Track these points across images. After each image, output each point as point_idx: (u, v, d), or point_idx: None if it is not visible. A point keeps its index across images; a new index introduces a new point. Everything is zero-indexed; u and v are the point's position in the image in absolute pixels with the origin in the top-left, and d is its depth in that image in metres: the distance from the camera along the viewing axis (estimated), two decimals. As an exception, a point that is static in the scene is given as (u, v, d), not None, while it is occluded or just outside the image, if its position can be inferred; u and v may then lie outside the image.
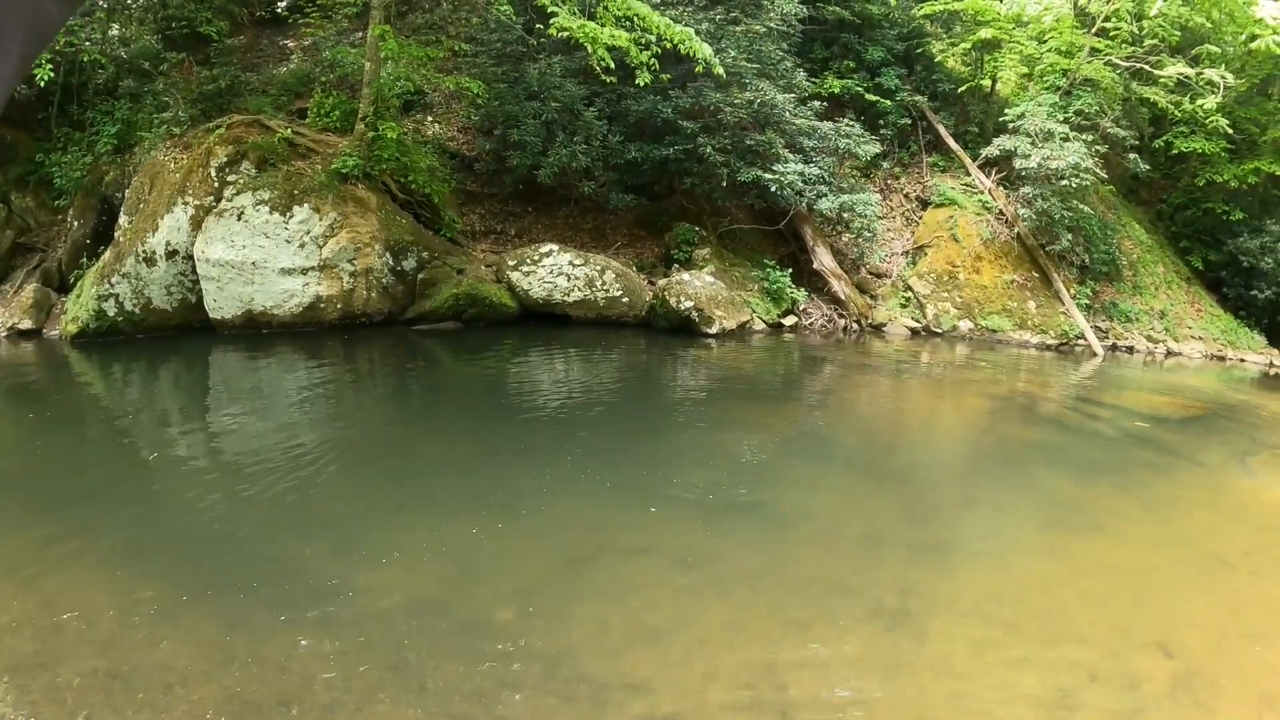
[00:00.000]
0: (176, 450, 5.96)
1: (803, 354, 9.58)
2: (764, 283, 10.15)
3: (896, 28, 12.96)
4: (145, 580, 3.73)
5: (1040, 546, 4.38)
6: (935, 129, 12.76)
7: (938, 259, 11.76)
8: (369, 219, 9.00)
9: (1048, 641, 3.31)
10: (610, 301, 9.43)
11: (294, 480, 4.99)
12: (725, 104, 9.98)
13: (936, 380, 9.12)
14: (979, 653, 3.19)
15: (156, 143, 9.55)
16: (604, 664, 3.02)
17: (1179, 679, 3.11)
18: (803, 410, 7.31)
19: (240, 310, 8.82)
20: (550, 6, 8.68)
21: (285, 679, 2.95)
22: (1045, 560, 4.19)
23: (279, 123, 9.32)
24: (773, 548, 4.06)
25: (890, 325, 10.96)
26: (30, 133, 11.34)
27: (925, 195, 12.31)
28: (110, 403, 7.43)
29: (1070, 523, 4.70)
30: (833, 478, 5.18)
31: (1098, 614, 3.59)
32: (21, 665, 3.10)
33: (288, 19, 11.19)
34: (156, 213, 9.00)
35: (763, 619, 3.35)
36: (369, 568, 3.81)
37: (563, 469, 5.14)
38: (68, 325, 9.29)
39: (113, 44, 11.10)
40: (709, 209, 10.52)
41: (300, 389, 7.37)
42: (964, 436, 6.81)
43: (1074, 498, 5.13)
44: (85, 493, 4.94)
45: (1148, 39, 12.49)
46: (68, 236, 10.30)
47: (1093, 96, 12.36)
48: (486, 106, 9.92)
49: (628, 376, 8.21)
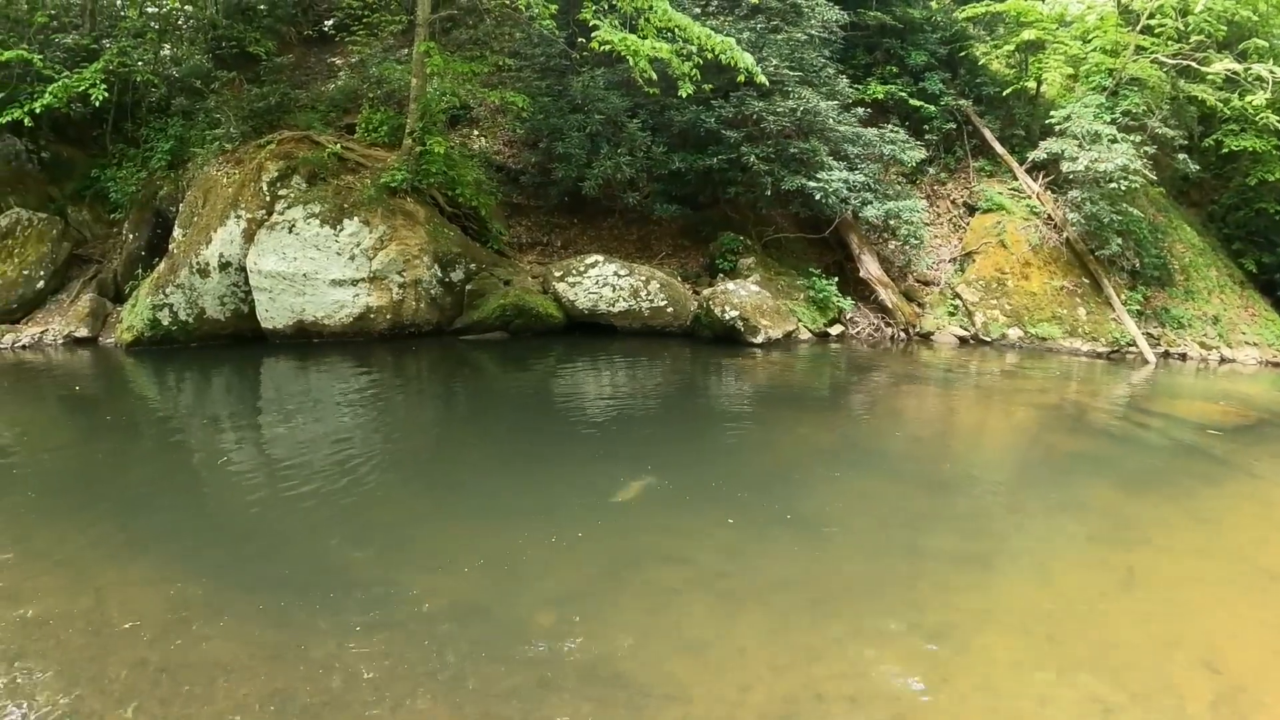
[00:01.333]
0: (227, 454, 6.07)
1: (849, 363, 9.44)
2: (810, 291, 10.03)
3: (939, 31, 12.79)
4: (195, 579, 3.81)
5: (1085, 558, 4.29)
6: (981, 133, 12.54)
7: (986, 265, 11.52)
8: (417, 231, 9.08)
9: (1090, 656, 3.24)
10: (655, 311, 9.38)
11: (341, 485, 5.07)
12: (768, 112, 9.90)
13: (985, 389, 8.93)
14: (1020, 667, 3.14)
15: (209, 158, 9.76)
16: (642, 670, 3.02)
17: (1223, 696, 3.00)
18: (848, 420, 7.21)
19: (292, 320, 8.95)
20: (592, 20, 8.71)
21: (329, 677, 2.99)
22: (1090, 573, 4.11)
23: (328, 138, 9.46)
24: (814, 558, 4.04)
25: (938, 334, 10.75)
26: (86, 149, 11.67)
27: (972, 201, 12.09)
28: (164, 408, 7.60)
29: (1117, 534, 4.60)
30: (877, 488, 5.13)
31: (1142, 628, 3.50)
32: (72, 657, 3.16)
33: (335, 37, 11.39)
34: (210, 225, 9.18)
35: (802, 629, 3.33)
36: (413, 571, 3.86)
37: (605, 477, 5.15)
38: (123, 333, 9.52)
39: (164, 64, 11.40)
40: (753, 218, 10.44)
41: (349, 397, 7.49)
42: (1011, 446, 6.68)
43: (1121, 509, 5.02)
44: (138, 494, 5.05)
45: (1194, 35, 12.15)
46: (123, 248, 10.56)
47: (1139, 96, 12.04)
48: (531, 120, 9.98)
49: (672, 386, 8.17)
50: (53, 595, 3.65)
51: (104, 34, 11.84)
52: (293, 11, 11.82)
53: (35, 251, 10.72)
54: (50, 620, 3.43)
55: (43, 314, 10.52)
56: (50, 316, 10.47)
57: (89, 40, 11.45)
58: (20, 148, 11.52)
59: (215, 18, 11.43)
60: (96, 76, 9.95)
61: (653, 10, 8.70)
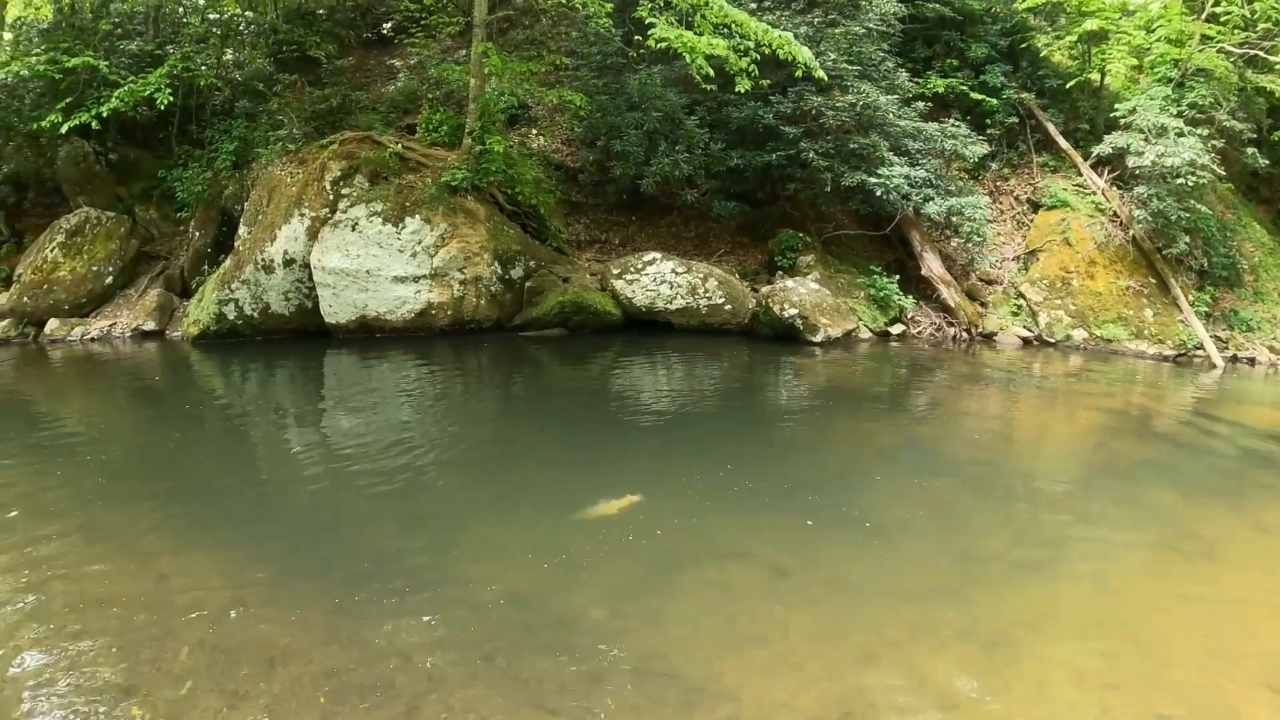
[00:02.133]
0: (289, 444, 6.17)
1: (910, 363, 9.21)
2: (870, 290, 9.82)
3: (999, 23, 12.47)
4: (255, 563, 3.87)
5: (1147, 569, 4.14)
6: (1044, 127, 12.17)
7: (1050, 264, 11.16)
8: (478, 229, 9.11)
9: (1148, 670, 3.13)
10: (713, 309, 9.27)
11: (400, 475, 5.12)
12: (827, 108, 9.73)
13: (1048, 392, 8.66)
14: (1076, 679, 3.04)
15: (273, 158, 9.94)
16: (694, 667, 2.99)
17: (1283, 719, 2.84)
18: (909, 421, 7.04)
19: (354, 315, 9.05)
20: (648, 18, 8.65)
21: (383, 661, 3.01)
22: (1151, 584, 3.96)
23: (390, 138, 9.56)
24: (870, 560, 3.96)
25: (1001, 334, 10.43)
26: (152, 151, 12.00)
27: (1036, 197, 11.73)
28: (228, 399, 7.75)
29: (1180, 545, 4.42)
30: (936, 491, 5.02)
31: (1203, 643, 3.36)
32: (133, 636, 3.22)
33: (394, 39, 11.53)
34: (275, 224, 9.33)
35: (856, 632, 3.28)
36: (468, 561, 3.87)
37: (661, 474, 5.12)
38: (189, 327, 9.74)
39: (227, 68, 11.67)
40: (813, 214, 10.26)
41: (410, 390, 7.56)
42: (1074, 451, 6.47)
43: (1185, 519, 4.82)
44: (202, 481, 5.14)
45: (1260, 22, 11.63)
46: (189, 245, 10.82)
47: (1206, 88, 11.56)
48: (589, 118, 9.97)
49: (729, 384, 8.06)
50: (116, 576, 3.73)
51: (167, 40, 12.18)
52: (352, 15, 12.03)
53: (104, 249, 11.04)
54: (113, 600, 3.49)
55: (111, 308, 10.84)
56: (118, 311, 10.77)
57: (153, 46, 11.78)
58: (89, 150, 11.90)
59: (276, 22, 11.67)
60: (162, 81, 10.22)
61: (709, 6, 8.62)
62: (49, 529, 4.24)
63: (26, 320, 10.80)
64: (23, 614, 3.39)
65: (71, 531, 4.20)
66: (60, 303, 10.78)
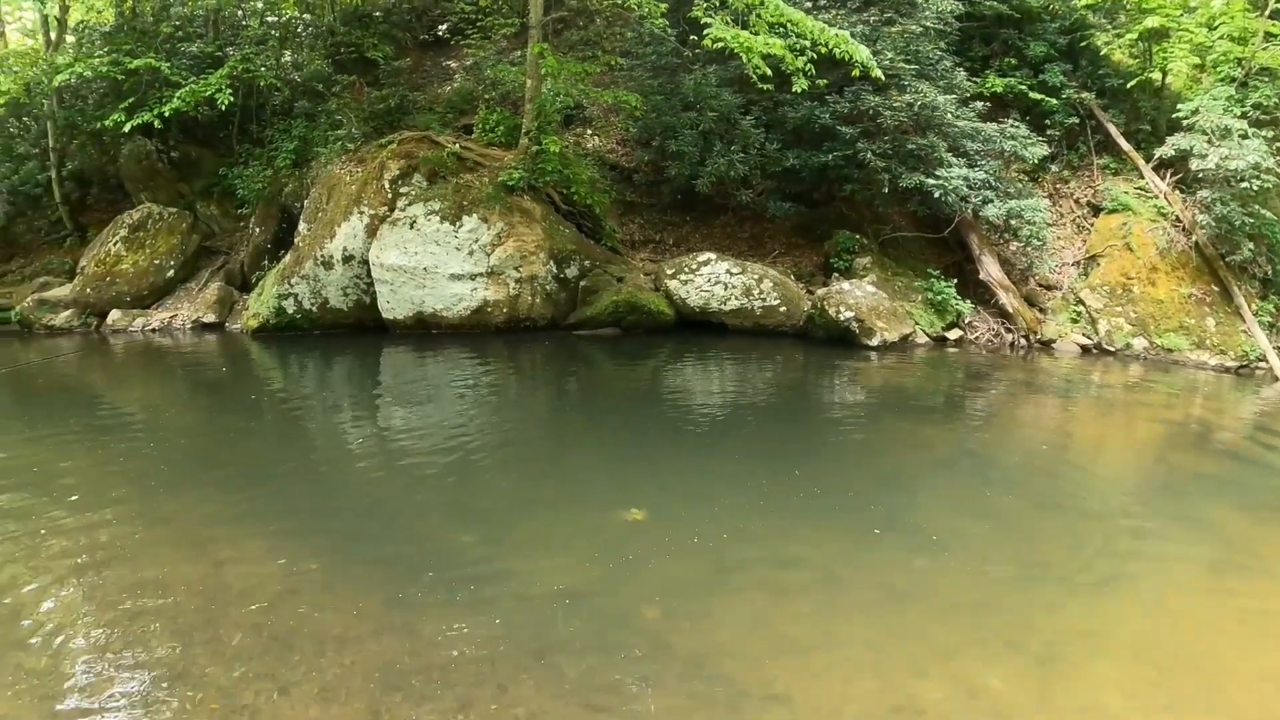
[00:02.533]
0: (345, 436, 6.24)
1: (968, 370, 9.03)
2: (927, 293, 9.64)
3: (1057, 20, 12.16)
4: (310, 552, 3.90)
5: (1204, 587, 4.01)
6: (1105, 128, 11.84)
7: (1111, 270, 10.85)
8: (534, 229, 9.16)
9: (1201, 690, 3.05)
10: (767, 310, 9.19)
11: (454, 469, 5.16)
12: (884, 107, 9.59)
13: (1106, 403, 8.44)
14: (1129, 696, 2.97)
15: (332, 157, 10.11)
16: (744, 671, 2.97)
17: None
18: (965, 429, 6.89)
19: (411, 312, 9.15)
20: (703, 18, 8.61)
21: (434, 653, 3.02)
22: (1208, 602, 3.83)
23: (447, 138, 9.66)
24: (923, 570, 3.90)
25: (1060, 341, 10.17)
26: (213, 149, 12.31)
27: (1097, 200, 11.41)
28: (287, 390, 7.88)
29: (1239, 564, 4.28)
30: (991, 501, 4.91)
31: (1258, 665, 3.24)
32: (188, 619, 3.26)
33: (450, 40, 11.66)
34: (334, 221, 9.48)
35: (908, 642, 3.23)
36: (520, 556, 3.88)
37: (713, 476, 5.09)
38: (249, 320, 9.95)
39: (286, 69, 11.91)
40: (869, 216, 10.12)
41: (464, 386, 7.63)
42: (1132, 464, 6.30)
43: (1245, 537, 4.66)
44: (259, 471, 5.22)
45: None
46: (249, 241, 11.06)
47: (1270, 88, 11.14)
48: (644, 118, 9.96)
49: (783, 387, 7.98)
50: (173, 561, 3.79)
51: (227, 42, 12.47)
52: (407, 17, 12.20)
53: (166, 243, 11.34)
54: (169, 584, 3.55)
55: (172, 301, 11.13)
56: (179, 303, 11.06)
57: (213, 48, 12.07)
58: (151, 148, 12.24)
59: (333, 24, 11.88)
60: (222, 81, 10.46)
61: (764, 6, 8.55)
62: (110, 513, 4.34)
63: (89, 311, 11.14)
64: (81, 594, 3.46)
65: (132, 516, 4.30)
66: (122, 294, 11.10)
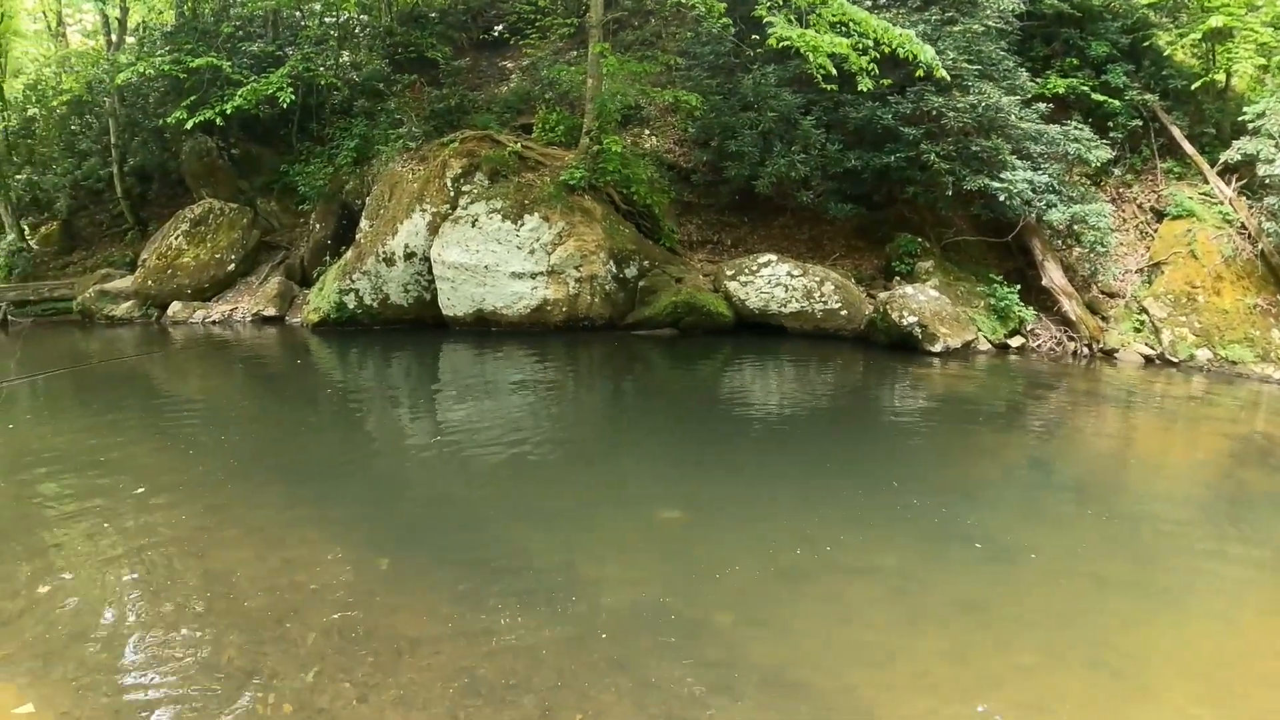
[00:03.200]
0: (407, 430, 6.26)
1: (1031, 379, 8.88)
2: (990, 299, 9.47)
3: (1118, 19, 11.88)
4: (380, 550, 3.85)
5: (1276, 608, 3.87)
6: (1168, 131, 11.56)
7: (1175, 278, 10.58)
8: (594, 228, 9.19)
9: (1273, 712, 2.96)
10: (828, 314, 9.12)
11: (516, 468, 5.14)
12: (948, 108, 9.45)
13: (1171, 415, 8.24)
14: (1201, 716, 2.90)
15: (393, 155, 10.24)
16: (823, 681, 2.90)
17: None
18: (1031, 439, 6.74)
19: (471, 309, 9.24)
20: (766, 16, 8.57)
21: (513, 659, 2.94)
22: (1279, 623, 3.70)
23: (509, 137, 9.73)
24: (996, 580, 3.82)
25: (1122, 351, 9.94)
26: (273, 147, 12.54)
27: (1160, 205, 11.14)
28: (347, 384, 7.98)
29: None
30: (1060, 511, 4.82)
31: None
32: (258, 618, 3.20)
33: (507, 40, 11.75)
34: (396, 218, 9.61)
35: (985, 654, 3.17)
36: (592, 560, 3.84)
37: (776, 480, 5.03)
38: (310, 314, 10.12)
39: (345, 69, 12.10)
40: (931, 219, 9.98)
41: (523, 383, 7.66)
42: (1200, 480, 6.10)
43: None
44: (322, 464, 5.22)
45: None
46: (310, 237, 11.25)
47: None
48: (703, 118, 9.93)
49: (845, 391, 7.88)
50: (242, 556, 3.76)
51: (286, 42, 12.70)
52: (463, 18, 12.31)
53: (226, 238, 11.58)
54: (238, 580, 3.51)
55: (233, 294, 11.37)
56: (240, 296, 11.29)
57: (273, 48, 12.30)
58: (212, 145, 12.51)
59: (391, 25, 12.04)
60: (284, 81, 10.65)
61: (826, 4, 8.48)
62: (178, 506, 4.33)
63: (149, 302, 11.43)
64: (149, 590, 3.43)
65: (200, 510, 4.30)
66: (183, 287, 11.36)
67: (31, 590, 3.40)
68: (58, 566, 3.64)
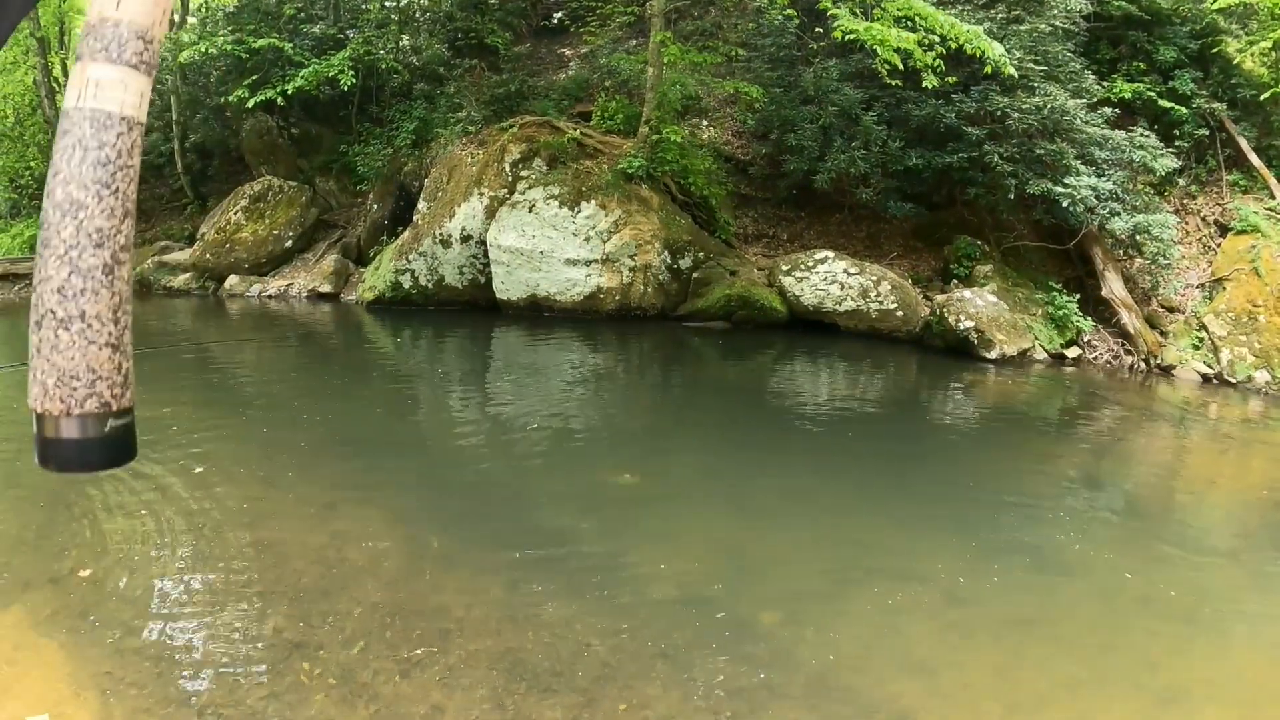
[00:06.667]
0: (458, 411, 6.30)
1: (1087, 392, 8.72)
2: (1048, 307, 9.31)
3: (1187, 24, 11.57)
4: (430, 529, 3.87)
5: None
6: (1235, 142, 11.26)
7: (1237, 295, 10.31)
8: (650, 218, 9.23)
9: None
10: (883, 314, 9.05)
11: (565, 453, 5.15)
12: (1013, 109, 9.30)
13: (1224, 437, 8.02)
14: None
15: (452, 139, 10.37)
16: (870, 686, 2.87)
17: None
18: (1086, 454, 6.61)
19: (525, 294, 9.34)
20: (830, 9, 8.50)
21: (559, 645, 2.95)
22: None
23: (567, 124, 9.80)
24: (1046, 595, 3.76)
25: (1179, 368, 9.71)
26: (333, 128, 12.77)
27: (1225, 219, 10.87)
28: (399, 362, 8.06)
29: None
30: (1110, 530, 4.74)
31: None
32: (304, 591, 3.20)
33: (567, 27, 11.83)
34: (454, 201, 9.73)
35: (1032, 671, 3.12)
36: (640, 552, 3.85)
37: (827, 481, 5.00)
38: (365, 292, 10.30)
39: (405, 53, 12.28)
40: (991, 222, 9.84)
41: (574, 370, 7.69)
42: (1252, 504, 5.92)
43: None
44: (374, 440, 5.24)
45: None
46: (367, 217, 11.45)
47: None
48: (763, 111, 9.90)
49: (898, 395, 7.79)
50: (292, 529, 3.78)
51: (347, 25, 12.91)
52: (522, 4, 12.42)
53: (285, 215, 11.83)
54: (287, 553, 3.53)
55: (289, 270, 11.61)
56: (296, 272, 11.52)
57: (334, 30, 12.51)
58: (272, 124, 12.77)
59: (452, 10, 12.19)
60: (345, 63, 10.83)
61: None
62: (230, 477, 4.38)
63: (207, 275, 11.72)
64: (198, 559, 3.46)
65: (252, 481, 4.34)
66: (240, 261, 11.63)
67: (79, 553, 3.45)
68: (107, 530, 3.70)
